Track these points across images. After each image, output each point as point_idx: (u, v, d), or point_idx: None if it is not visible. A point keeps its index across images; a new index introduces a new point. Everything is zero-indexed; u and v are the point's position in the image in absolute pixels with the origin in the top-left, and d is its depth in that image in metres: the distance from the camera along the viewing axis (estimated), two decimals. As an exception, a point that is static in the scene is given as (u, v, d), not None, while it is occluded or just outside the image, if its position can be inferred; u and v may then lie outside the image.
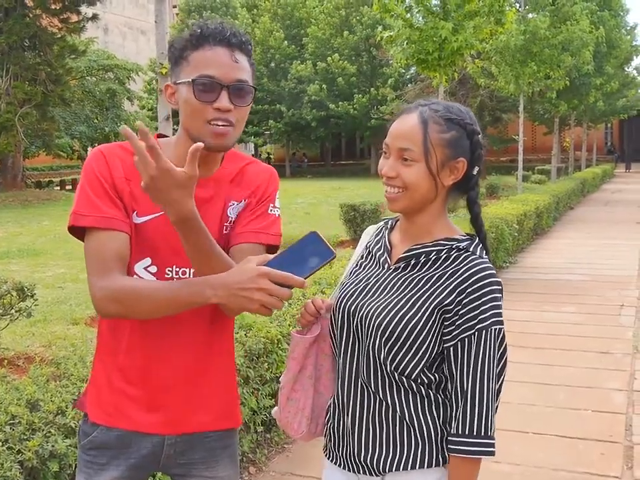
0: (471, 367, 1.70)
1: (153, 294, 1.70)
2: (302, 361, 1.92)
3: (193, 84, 1.75)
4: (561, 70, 17.07)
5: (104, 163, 1.80)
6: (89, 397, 1.92)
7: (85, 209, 1.76)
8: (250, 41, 1.85)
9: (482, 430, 1.69)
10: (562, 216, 18.46)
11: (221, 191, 1.90)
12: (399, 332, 1.72)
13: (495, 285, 1.72)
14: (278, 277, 1.55)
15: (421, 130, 1.74)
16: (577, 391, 5.49)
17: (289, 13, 45.38)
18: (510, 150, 37.55)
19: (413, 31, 10.25)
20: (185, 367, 1.87)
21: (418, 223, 1.83)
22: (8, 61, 25.10)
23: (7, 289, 5.01)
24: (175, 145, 1.89)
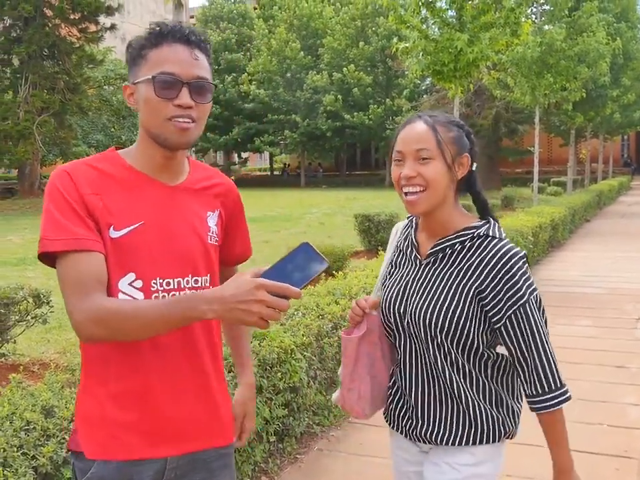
0: (525, 337, 1.92)
1: (142, 313, 1.63)
2: (354, 356, 2.11)
3: (154, 81, 1.72)
4: (577, 82, 17.02)
5: (69, 181, 1.73)
6: (80, 434, 1.81)
7: (53, 233, 1.68)
8: (209, 40, 1.84)
9: (556, 383, 1.93)
10: (578, 228, 18.34)
11: (194, 199, 1.90)
12: (448, 324, 1.93)
13: (520, 259, 1.93)
14: (274, 288, 1.52)
15: (432, 131, 1.94)
16: (592, 405, 5.44)
17: (305, 24, 45.55)
18: (525, 161, 37.38)
19: (429, 42, 10.26)
20: (182, 385, 1.83)
21: (438, 219, 2.01)
22: (27, 70, 25.39)
23: (24, 295, 5.05)
24: (137, 148, 1.86)
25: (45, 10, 26.46)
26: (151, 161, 1.83)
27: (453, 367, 2.00)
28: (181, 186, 1.88)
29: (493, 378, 2.04)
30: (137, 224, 1.76)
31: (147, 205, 1.79)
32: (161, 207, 1.81)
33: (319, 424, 4.76)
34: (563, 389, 1.94)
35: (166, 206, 1.82)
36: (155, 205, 1.81)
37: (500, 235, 1.99)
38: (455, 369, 2.00)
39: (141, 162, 1.83)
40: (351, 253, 10.06)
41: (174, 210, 1.84)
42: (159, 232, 1.79)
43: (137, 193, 1.80)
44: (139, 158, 1.84)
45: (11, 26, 26.86)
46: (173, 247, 1.80)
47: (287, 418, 4.32)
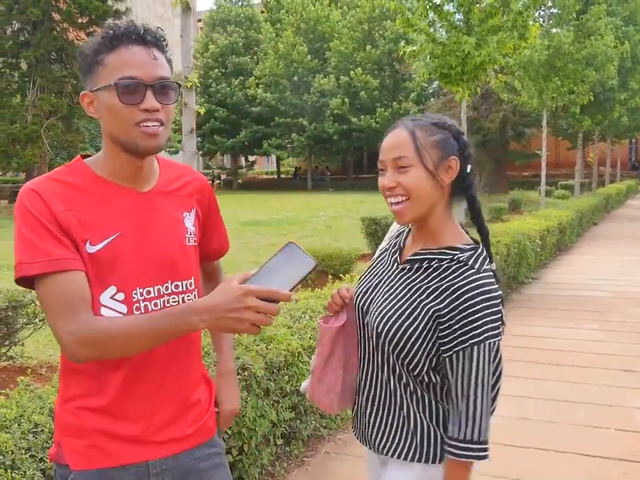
0: (465, 378, 1.79)
1: (131, 330, 1.61)
2: (330, 347, 2.04)
3: (116, 87, 1.66)
4: (585, 85, 16.99)
5: (39, 200, 1.66)
6: (63, 446, 1.78)
7: (29, 256, 1.63)
8: (164, 36, 1.78)
9: (474, 435, 1.79)
10: (585, 232, 18.28)
11: (168, 201, 1.87)
12: (399, 337, 1.84)
13: (491, 299, 1.78)
14: (263, 293, 1.51)
15: (409, 136, 1.84)
16: (599, 409, 5.42)
17: (312, 27, 45.60)
18: (533, 165, 37.30)
19: (436, 46, 10.26)
20: (162, 388, 1.81)
21: (425, 226, 1.92)
22: (35, 73, 25.50)
23: (31, 298, 5.07)
24: (104, 157, 1.80)
25: (53, 14, 26.58)
26: (120, 169, 1.78)
27: (400, 380, 1.91)
28: (153, 190, 1.84)
29: (441, 398, 1.91)
30: (113, 236, 1.72)
31: (121, 214, 1.75)
32: (135, 215, 1.77)
33: (326, 427, 4.75)
34: (480, 446, 1.79)
35: (140, 213, 1.78)
36: (129, 214, 1.76)
37: (480, 266, 1.82)
38: (401, 384, 1.91)
39: (110, 171, 1.78)
40: (357, 256, 10.07)
41: (149, 216, 1.80)
42: (136, 241, 1.75)
43: (109, 204, 1.75)
44: (107, 167, 1.79)
45: (19, 30, 26.99)
46: (151, 255, 1.77)
47: (294, 421, 4.32)
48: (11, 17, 26.10)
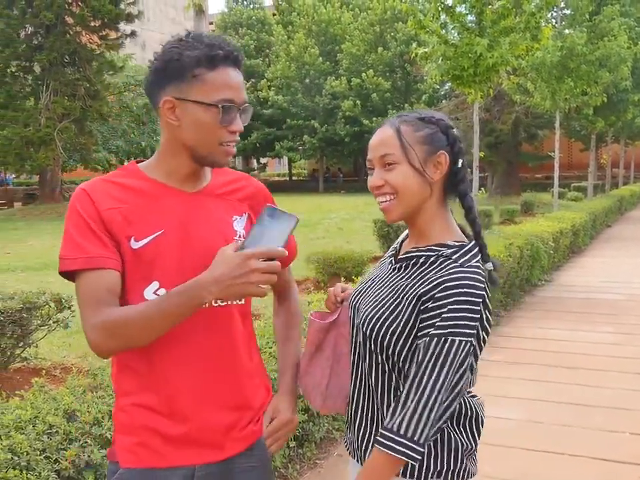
0: (420, 369, 1.69)
1: (144, 315, 1.66)
2: (315, 342, 1.98)
3: (221, 109, 1.74)
4: (598, 86, 16.90)
5: (87, 200, 1.77)
6: (117, 444, 1.85)
7: (71, 252, 1.73)
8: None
9: (413, 431, 1.67)
10: (599, 234, 18.20)
11: (217, 203, 1.91)
12: (383, 335, 1.78)
13: (467, 295, 1.68)
14: (262, 253, 1.58)
15: (395, 133, 1.80)
16: (614, 412, 5.38)
17: (324, 30, 45.60)
18: (545, 167, 37.16)
19: (448, 47, 10.24)
20: (211, 393, 1.83)
21: (416, 225, 1.88)
22: (48, 76, 25.65)
23: (45, 300, 5.09)
24: (157, 160, 1.87)
25: (66, 18, 26.71)
26: (175, 171, 1.85)
27: (390, 383, 1.82)
28: (202, 191, 1.89)
29: None
30: (157, 233, 1.78)
31: (167, 213, 1.81)
32: (180, 213, 1.82)
33: (339, 429, 4.75)
34: (415, 446, 1.66)
35: (186, 212, 1.83)
36: (175, 212, 1.82)
37: (466, 262, 1.74)
38: (392, 387, 1.82)
39: (163, 173, 1.85)
40: (369, 258, 10.05)
41: (194, 215, 1.84)
42: (179, 239, 1.80)
43: (156, 203, 1.81)
44: (160, 169, 1.86)
45: (33, 34, 27.15)
46: (194, 253, 1.80)
47: (307, 423, 4.31)
48: (25, 21, 26.26)
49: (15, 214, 25.94)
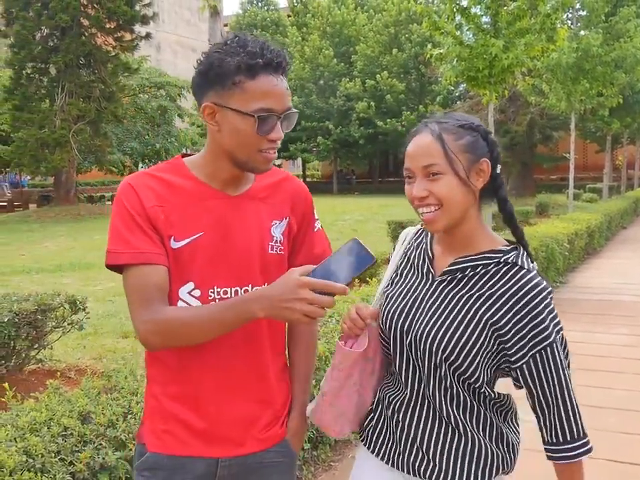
0: (550, 379, 1.73)
1: (198, 320, 1.70)
2: (348, 372, 1.90)
3: (257, 119, 1.72)
4: (613, 87, 16.81)
5: (134, 194, 1.79)
6: (145, 427, 1.91)
7: (119, 246, 1.76)
8: (290, 62, 1.83)
9: (578, 433, 1.75)
10: (614, 235, 18.08)
11: (258, 207, 1.90)
12: (458, 351, 1.74)
13: (547, 295, 1.73)
14: (318, 285, 1.57)
15: (438, 142, 1.74)
16: (629, 414, 5.35)
17: (338, 31, 45.61)
18: (560, 168, 36.96)
19: (463, 49, 10.21)
20: (238, 389, 1.86)
21: (459, 234, 1.82)
22: (64, 78, 25.75)
23: (60, 301, 5.11)
24: (203, 160, 1.88)
25: (82, 20, 26.79)
26: (218, 175, 1.85)
27: (453, 401, 1.80)
28: (244, 195, 1.89)
29: (494, 411, 1.84)
30: (197, 235, 1.80)
31: (208, 216, 1.82)
32: (221, 217, 1.84)
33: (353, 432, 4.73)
34: (585, 439, 1.76)
35: (226, 216, 1.84)
36: (216, 216, 1.83)
37: (528, 265, 1.77)
38: (454, 404, 1.80)
39: (206, 173, 1.86)
40: (384, 260, 10.01)
41: (235, 220, 1.85)
42: (217, 243, 1.82)
43: (198, 204, 1.83)
44: (204, 169, 1.87)
45: (48, 35, 27.25)
46: (230, 257, 1.82)
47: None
48: (40, 23, 26.36)
49: (30, 216, 26.08)
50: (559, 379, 1.73)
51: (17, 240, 18.60)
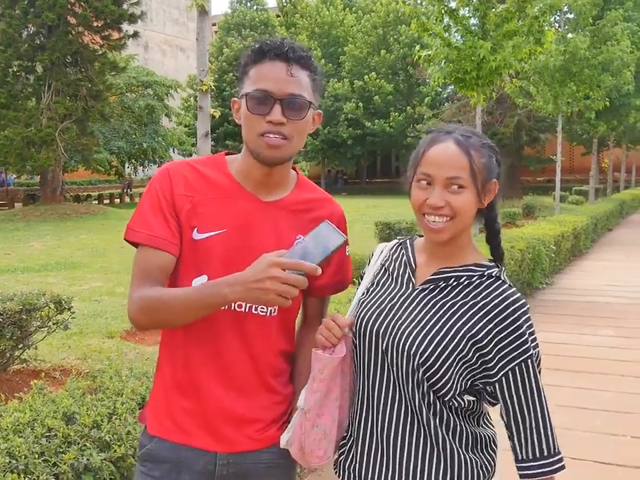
0: (526, 394, 1.73)
1: (173, 300, 1.73)
2: (329, 382, 1.82)
3: (247, 97, 1.78)
4: (600, 90, 16.92)
5: (167, 180, 1.85)
6: (149, 409, 1.95)
7: (138, 225, 1.83)
8: (311, 56, 1.85)
9: (551, 449, 1.73)
10: (600, 237, 18.21)
11: (286, 218, 1.91)
12: (435, 357, 1.72)
13: (527, 310, 1.75)
14: (289, 264, 1.59)
15: (467, 157, 1.73)
16: (615, 416, 5.37)
17: (327, 32, 45.65)
18: (547, 170, 37.15)
19: (451, 50, 10.24)
20: (241, 386, 1.87)
21: (451, 245, 1.82)
22: (50, 77, 25.60)
23: (45, 301, 5.06)
24: (241, 159, 1.92)
25: (69, 18, 26.62)
26: (250, 174, 1.88)
27: (430, 408, 1.76)
28: (276, 203, 1.90)
29: (466, 418, 1.80)
30: (219, 231, 1.84)
31: (235, 215, 1.85)
32: (247, 219, 1.86)
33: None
34: (559, 456, 1.74)
35: (253, 219, 1.86)
36: (242, 217, 1.85)
37: (508, 281, 1.81)
38: (432, 411, 1.76)
39: (241, 172, 1.90)
40: (370, 261, 10.05)
41: (260, 224, 1.86)
42: (238, 243, 1.84)
43: (228, 203, 1.86)
44: (239, 168, 1.90)
45: (35, 34, 27.08)
46: (246, 258, 1.78)
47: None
48: (27, 21, 26.18)
49: (16, 215, 25.88)
50: (535, 392, 1.73)
51: (3, 239, 18.47)
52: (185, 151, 39.38)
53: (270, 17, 50.61)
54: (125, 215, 25.02)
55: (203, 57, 5.59)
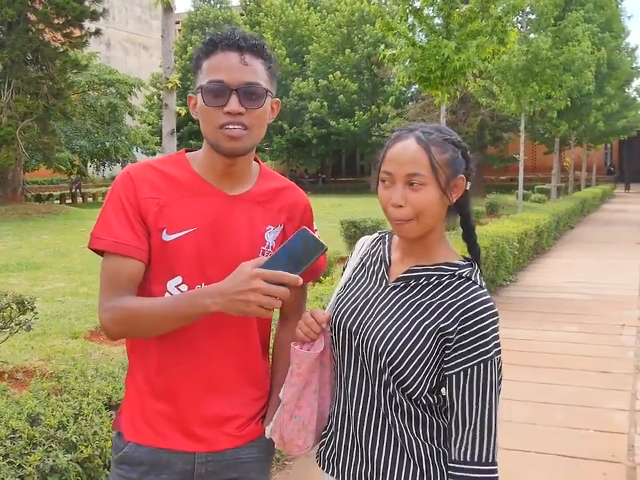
0: (474, 396, 1.69)
1: (150, 312, 1.71)
2: (307, 376, 1.86)
3: (201, 90, 1.75)
4: (562, 90, 17.14)
5: (130, 184, 1.80)
6: (123, 415, 1.91)
7: (102, 232, 1.78)
8: (264, 44, 1.83)
9: (487, 456, 1.68)
10: (562, 235, 18.46)
11: (254, 210, 1.89)
12: (402, 356, 1.72)
13: (495, 315, 1.72)
14: (270, 276, 1.57)
15: (426, 153, 1.72)
16: (577, 410, 5.46)
17: (291, 31, 45.62)
18: (510, 169, 37.58)
19: (416, 50, 10.29)
20: (212, 383, 1.85)
21: (421, 243, 1.81)
22: (10, 74, 25.19)
23: (7, 302, 5.00)
24: (202, 154, 1.89)
25: (29, 15, 26.22)
26: (213, 168, 1.85)
27: (398, 409, 1.77)
28: (242, 196, 1.88)
29: (438, 416, 1.79)
30: (189, 230, 1.80)
31: (203, 212, 1.82)
32: (216, 215, 1.83)
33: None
34: (494, 467, 1.68)
35: (221, 215, 1.84)
36: (211, 213, 1.83)
37: (481, 282, 1.78)
38: (399, 412, 1.77)
39: (204, 169, 1.86)
40: (337, 259, 10.06)
41: (229, 219, 1.84)
42: (209, 240, 1.81)
43: (194, 200, 1.83)
44: (202, 164, 1.87)
45: (-5, 30, 26.69)
46: (220, 257, 1.81)
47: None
48: (-14, 18, 25.80)
49: (-22, 214, 25.43)
50: (485, 398, 1.69)
51: (-38, 239, 18.13)
52: (148, 149, 39.03)
53: (234, 15, 50.49)
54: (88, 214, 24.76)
55: (168, 55, 5.55)
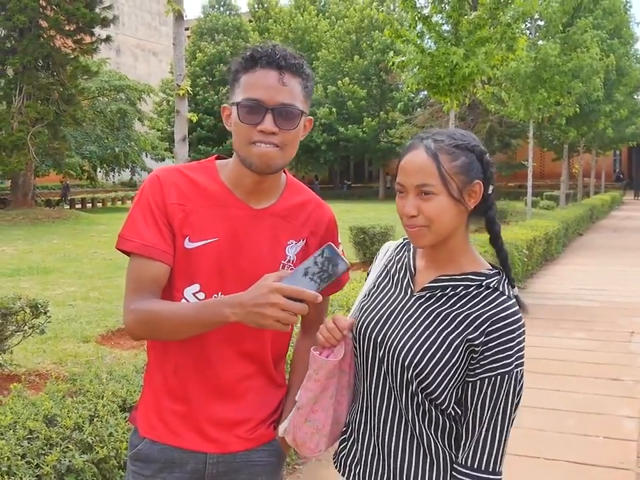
0: (487, 405, 1.68)
1: (173, 316, 1.73)
2: (325, 382, 1.84)
3: (238, 106, 1.76)
4: (570, 97, 17.16)
5: (158, 188, 1.83)
6: (139, 411, 1.95)
7: (130, 233, 1.80)
8: (303, 63, 1.82)
9: (491, 466, 1.69)
10: (571, 242, 18.42)
11: (277, 224, 1.90)
12: (430, 369, 1.70)
13: (521, 327, 1.70)
14: (290, 291, 1.56)
15: (434, 163, 1.69)
16: (587, 417, 5.46)
17: (300, 37, 45.74)
18: (518, 175, 37.52)
19: (425, 56, 10.32)
20: (225, 388, 1.88)
21: (444, 251, 1.79)
22: (22, 80, 25.35)
23: (21, 305, 5.04)
24: (232, 165, 1.89)
25: (40, 21, 26.42)
26: (241, 181, 1.86)
27: (425, 418, 1.75)
28: (266, 210, 1.89)
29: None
30: (211, 239, 1.82)
31: (226, 223, 1.84)
32: (239, 228, 1.85)
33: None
34: (497, 477, 1.69)
35: (244, 227, 1.85)
36: (234, 225, 1.84)
37: (509, 292, 1.75)
38: (426, 420, 1.75)
39: (231, 179, 1.88)
40: (347, 266, 10.10)
41: (251, 232, 1.85)
42: (230, 251, 1.83)
43: (219, 211, 1.85)
44: (230, 175, 1.88)
45: (6, 37, 26.81)
46: (239, 267, 1.83)
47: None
48: (-3, 24, 25.98)
49: (-13, 219, 25.57)
50: (498, 408, 1.67)
51: (-27, 244, 18.24)
52: (157, 155, 39.18)
53: (243, 22, 50.61)
54: (98, 220, 24.85)
55: (179, 62, 5.60)
